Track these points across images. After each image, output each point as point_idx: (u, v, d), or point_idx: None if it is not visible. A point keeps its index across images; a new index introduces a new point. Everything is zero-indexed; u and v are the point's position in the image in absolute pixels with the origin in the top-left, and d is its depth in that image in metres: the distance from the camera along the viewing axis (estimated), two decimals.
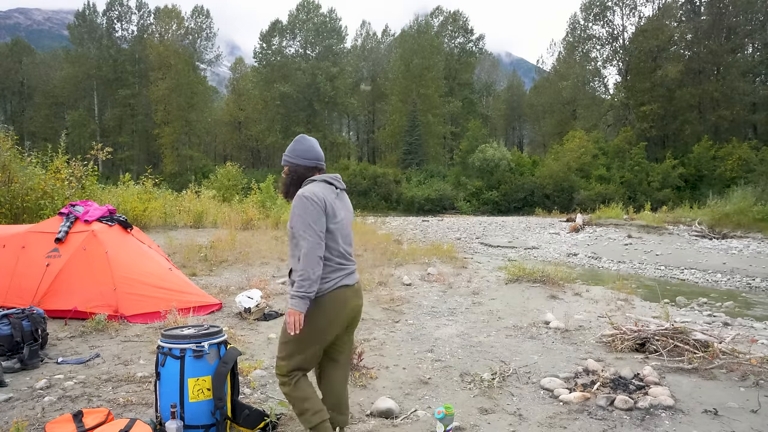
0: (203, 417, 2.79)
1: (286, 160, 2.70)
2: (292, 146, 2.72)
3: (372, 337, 5.12)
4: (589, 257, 15.13)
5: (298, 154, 2.68)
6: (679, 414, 3.36)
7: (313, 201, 2.45)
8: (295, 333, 2.43)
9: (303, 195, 2.48)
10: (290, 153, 2.69)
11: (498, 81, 72.37)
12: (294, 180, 2.67)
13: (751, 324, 6.50)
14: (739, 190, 22.20)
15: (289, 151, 2.71)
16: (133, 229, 6.13)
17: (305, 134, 2.83)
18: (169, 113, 51.47)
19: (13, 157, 9.04)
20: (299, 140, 2.73)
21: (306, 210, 2.44)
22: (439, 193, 43.12)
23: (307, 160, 2.67)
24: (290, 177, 2.69)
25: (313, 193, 2.48)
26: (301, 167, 2.67)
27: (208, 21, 57.48)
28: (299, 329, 2.42)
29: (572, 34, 53.87)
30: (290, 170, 2.69)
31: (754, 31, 43.30)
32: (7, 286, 5.25)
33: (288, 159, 2.69)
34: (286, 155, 2.70)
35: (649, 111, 43.24)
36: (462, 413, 3.36)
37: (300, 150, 2.69)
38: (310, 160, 2.67)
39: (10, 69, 56.62)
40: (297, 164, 2.67)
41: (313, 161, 2.68)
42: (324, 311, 2.51)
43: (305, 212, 2.44)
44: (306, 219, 2.43)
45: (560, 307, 6.53)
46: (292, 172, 2.68)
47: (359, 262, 9.16)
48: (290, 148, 2.72)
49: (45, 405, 3.34)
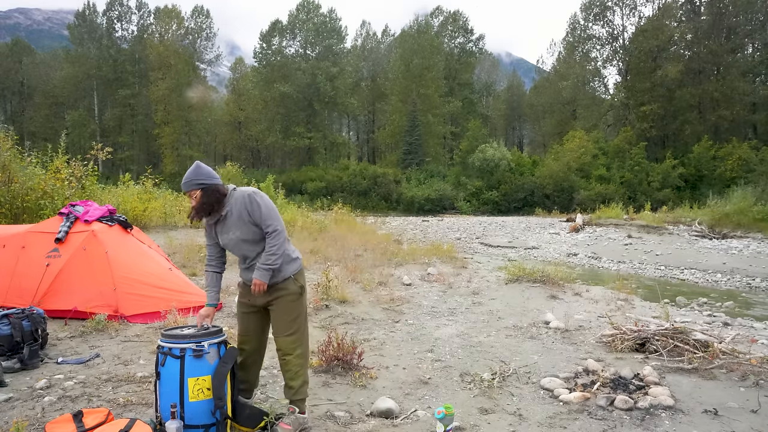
0: (203, 417, 2.79)
1: (200, 183, 2.89)
2: (200, 171, 2.91)
3: (372, 337, 5.12)
4: (589, 257, 15.13)
5: (209, 175, 2.93)
6: (679, 414, 3.36)
7: (263, 193, 2.97)
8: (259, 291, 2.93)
9: (257, 192, 2.93)
10: (202, 177, 2.90)
11: (498, 81, 72.36)
12: (216, 198, 2.92)
13: (751, 324, 6.50)
14: (739, 190, 22.20)
15: (198, 176, 2.90)
16: (133, 229, 6.13)
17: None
18: (169, 113, 51.45)
19: (13, 157, 9.03)
20: (200, 165, 2.96)
21: (269, 204, 2.93)
22: (439, 193, 43.11)
23: (217, 178, 2.96)
24: (211, 197, 2.91)
25: (257, 190, 2.96)
26: (217, 185, 2.93)
27: (208, 21, 57.49)
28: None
29: (572, 34, 53.86)
30: (208, 191, 2.90)
31: (754, 31, 43.29)
32: (7, 286, 5.24)
33: (203, 182, 2.90)
34: (199, 180, 2.89)
35: (649, 111, 43.23)
36: (462, 413, 3.36)
37: (208, 172, 2.94)
38: (215, 178, 2.95)
39: (10, 69, 56.56)
40: (213, 184, 2.92)
41: (216, 178, 2.97)
42: (304, 282, 3.11)
43: (271, 206, 2.93)
44: (274, 211, 2.92)
45: (560, 307, 6.53)
46: (212, 192, 2.91)
47: (359, 262, 9.19)
48: (200, 173, 2.91)
49: (45, 405, 3.34)
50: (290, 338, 3.00)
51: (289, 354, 3.00)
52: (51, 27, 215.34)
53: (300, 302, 3.05)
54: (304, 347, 3.09)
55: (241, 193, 2.94)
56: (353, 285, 7.37)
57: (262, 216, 2.89)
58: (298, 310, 3.03)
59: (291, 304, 3.00)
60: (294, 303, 3.01)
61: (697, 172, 39.47)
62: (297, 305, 3.03)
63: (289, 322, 3.00)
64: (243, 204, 2.90)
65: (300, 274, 3.08)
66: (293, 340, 3.01)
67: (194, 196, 2.91)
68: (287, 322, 3.00)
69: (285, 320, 3.00)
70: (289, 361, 3.01)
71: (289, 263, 3.01)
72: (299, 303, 3.04)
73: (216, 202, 2.91)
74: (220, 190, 2.93)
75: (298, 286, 3.03)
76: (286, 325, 3.00)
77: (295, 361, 3.00)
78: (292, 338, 3.00)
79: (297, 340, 3.03)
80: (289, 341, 3.00)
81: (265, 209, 2.89)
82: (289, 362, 3.00)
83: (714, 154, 39.10)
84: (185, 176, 2.93)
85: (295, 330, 3.01)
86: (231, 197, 2.94)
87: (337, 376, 3.96)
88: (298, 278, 3.04)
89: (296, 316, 3.02)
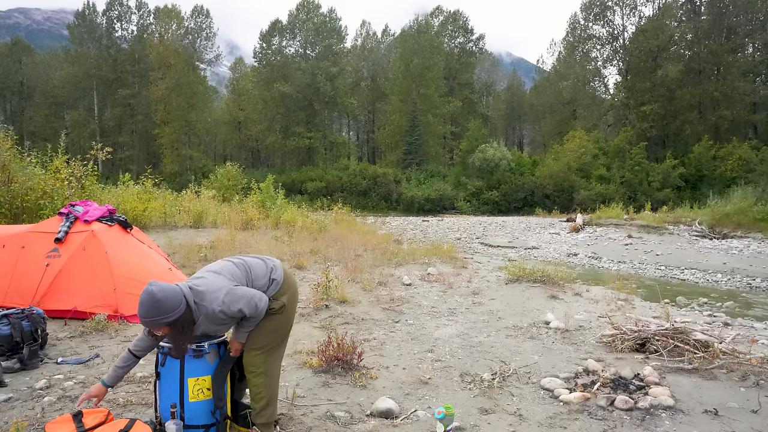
0: (203, 417, 2.79)
1: (167, 321, 2.48)
2: (160, 308, 2.45)
3: (372, 337, 5.11)
4: (589, 257, 15.13)
5: (172, 307, 2.49)
6: (679, 414, 3.35)
7: (232, 289, 2.67)
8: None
9: (224, 304, 2.60)
10: (165, 313, 2.46)
11: (498, 81, 72.35)
12: (188, 327, 2.59)
13: (751, 324, 6.49)
14: (740, 190, 22.22)
15: (161, 313, 2.46)
16: (132, 229, 6.13)
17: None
18: (169, 113, 51.40)
19: (13, 157, 9.02)
20: (156, 299, 2.46)
21: (237, 300, 2.65)
22: (439, 193, 43.11)
23: (180, 306, 2.52)
24: (183, 327, 2.57)
25: (221, 288, 2.64)
26: (183, 312, 2.53)
27: (208, 21, 57.43)
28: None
29: (572, 33, 53.84)
30: (179, 325, 2.55)
31: (755, 31, 43.27)
32: (7, 286, 5.24)
33: (169, 318, 2.48)
34: (162, 318, 2.47)
35: (649, 111, 43.22)
36: (462, 413, 3.36)
37: (169, 305, 2.48)
38: (180, 304, 2.52)
39: (10, 69, 56.54)
40: (180, 314, 2.52)
41: (180, 301, 2.53)
42: (294, 294, 3.00)
43: (238, 298, 2.65)
44: (244, 299, 2.66)
45: (560, 307, 6.53)
46: (183, 322, 2.55)
47: (359, 262, 9.18)
48: (161, 309, 2.45)
49: (45, 405, 3.34)
50: (254, 353, 2.83)
51: (250, 372, 2.84)
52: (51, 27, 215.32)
53: (276, 319, 2.86)
54: (270, 369, 2.87)
55: (206, 311, 2.60)
56: (353, 285, 7.36)
57: (247, 313, 2.68)
58: (272, 326, 2.85)
59: (265, 320, 2.82)
60: (268, 319, 2.83)
61: (697, 172, 39.47)
62: (272, 322, 2.85)
63: (257, 337, 2.83)
64: (214, 316, 2.63)
65: (280, 293, 2.88)
66: (256, 356, 2.83)
67: (166, 332, 2.60)
68: (256, 336, 2.83)
69: (254, 334, 2.83)
70: (249, 380, 2.86)
71: (264, 291, 2.82)
72: (274, 320, 2.86)
73: (189, 330, 2.61)
74: (189, 317, 2.58)
75: (276, 304, 2.85)
76: (254, 339, 2.83)
77: (256, 380, 2.84)
78: (255, 353, 2.83)
79: (260, 357, 2.84)
80: (252, 356, 2.83)
81: (237, 312, 2.64)
82: (250, 381, 2.86)
83: (714, 154, 39.10)
84: (143, 312, 2.47)
85: (261, 347, 2.84)
86: (198, 317, 2.62)
87: (337, 376, 3.95)
88: (276, 297, 2.86)
89: (268, 331, 2.84)
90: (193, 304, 2.59)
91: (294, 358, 4.38)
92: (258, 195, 16.41)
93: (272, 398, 2.88)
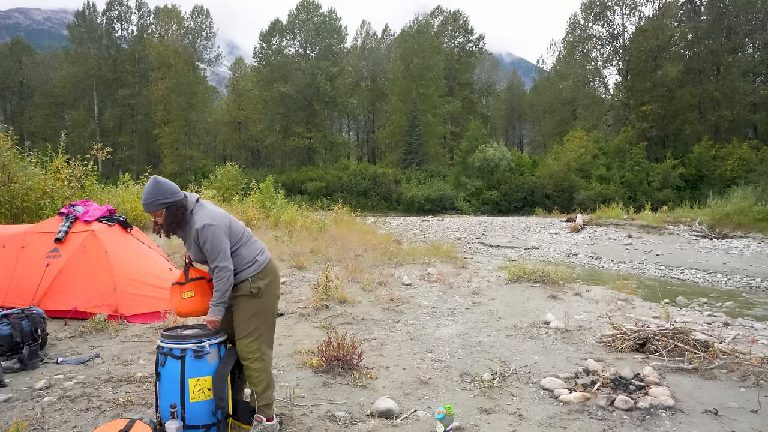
0: (204, 417, 2.79)
1: (163, 203, 2.80)
2: (158, 189, 2.80)
3: (372, 337, 5.11)
4: (589, 257, 15.12)
5: (171, 191, 2.83)
6: (679, 414, 3.35)
7: (220, 227, 2.84)
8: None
9: (205, 227, 2.80)
10: (163, 195, 2.80)
11: (498, 81, 72.35)
12: (182, 214, 2.85)
13: (751, 324, 6.49)
14: (740, 190, 22.21)
15: (159, 194, 2.79)
16: (132, 229, 6.13)
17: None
18: (169, 113, 51.39)
19: (13, 157, 9.02)
20: (158, 181, 2.84)
21: (216, 239, 2.81)
22: (439, 193, 43.10)
23: (178, 194, 2.85)
24: (176, 214, 2.84)
25: (215, 218, 2.84)
26: (180, 201, 2.84)
27: (208, 21, 57.40)
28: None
29: (572, 33, 53.81)
30: (173, 209, 2.82)
31: (755, 31, 43.26)
32: (7, 286, 5.24)
33: (165, 201, 2.80)
34: (162, 199, 2.79)
35: (649, 111, 43.21)
36: (462, 413, 3.36)
37: (169, 188, 2.83)
38: (177, 193, 2.85)
39: (10, 69, 56.50)
40: (176, 200, 2.83)
41: (178, 192, 2.86)
42: (274, 279, 3.05)
43: (218, 241, 2.81)
44: (220, 246, 2.81)
45: (560, 307, 6.53)
46: (177, 209, 2.83)
47: (359, 262, 9.18)
48: (158, 191, 2.80)
49: (45, 405, 3.34)
50: (246, 341, 2.91)
51: (247, 359, 2.91)
52: (51, 27, 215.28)
53: (254, 302, 2.94)
54: (264, 353, 2.97)
55: (194, 223, 2.86)
56: (353, 285, 7.36)
57: (207, 252, 2.83)
58: (252, 309, 2.94)
59: (244, 304, 2.93)
60: (247, 303, 2.93)
61: (697, 172, 39.47)
62: (251, 305, 2.94)
63: (243, 323, 2.92)
64: (193, 236, 2.86)
65: (259, 277, 2.97)
66: (249, 343, 2.91)
67: (159, 215, 2.85)
68: (242, 323, 2.92)
69: (240, 321, 2.93)
70: (247, 366, 2.93)
71: (246, 268, 2.94)
72: (253, 303, 2.94)
73: (182, 219, 2.86)
74: (185, 204, 2.87)
75: (253, 287, 2.93)
76: (241, 326, 2.92)
77: (253, 366, 2.91)
78: (247, 341, 2.91)
79: (253, 343, 2.92)
80: (245, 344, 2.91)
81: (210, 246, 2.81)
82: (248, 368, 2.93)
83: (714, 154, 39.10)
84: (145, 195, 2.81)
85: (250, 332, 2.92)
86: (189, 220, 2.88)
87: (337, 376, 3.95)
88: (254, 280, 2.94)
89: (250, 315, 2.93)
90: (191, 206, 2.88)
91: (294, 358, 4.38)
92: (258, 195, 16.41)
93: (270, 381, 3.00)
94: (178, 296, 2.94)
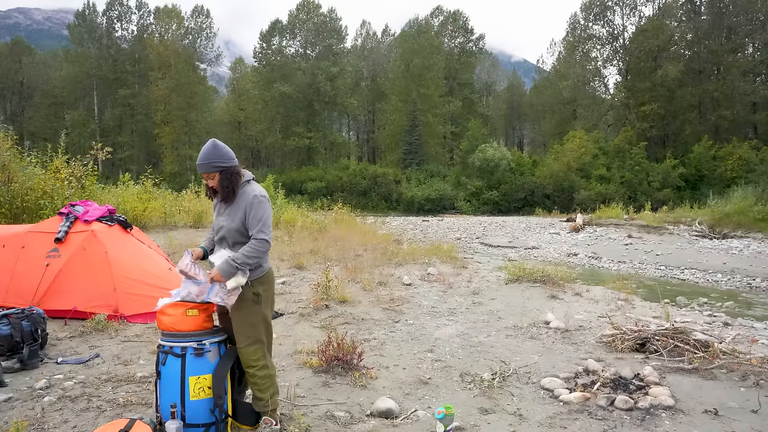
0: (204, 415, 2.80)
1: (219, 166, 2.82)
2: (219, 152, 2.83)
3: (372, 337, 5.11)
4: (589, 257, 15.12)
5: (228, 156, 2.85)
6: (679, 414, 3.35)
7: (269, 204, 2.93)
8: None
9: (263, 196, 2.87)
10: (221, 158, 2.83)
11: (498, 81, 72.35)
12: (236, 182, 2.87)
13: (751, 324, 6.49)
14: (740, 190, 22.21)
15: (217, 157, 2.83)
16: (132, 229, 6.13)
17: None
18: (169, 113, 51.40)
19: (13, 157, 9.03)
20: (217, 145, 2.87)
21: (268, 214, 2.88)
22: (439, 193, 43.11)
23: (234, 160, 2.89)
24: (231, 179, 2.85)
25: (266, 195, 2.91)
26: (235, 167, 2.87)
27: (208, 21, 57.40)
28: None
29: (572, 33, 53.81)
30: (227, 174, 2.84)
31: (755, 31, 43.26)
32: (7, 286, 5.24)
33: (222, 165, 2.83)
34: (218, 162, 2.82)
35: (649, 111, 43.21)
36: (462, 413, 3.36)
37: (226, 153, 2.86)
38: (233, 159, 2.89)
39: (10, 69, 56.50)
40: (230, 166, 2.85)
41: (234, 159, 2.89)
42: (271, 287, 3.04)
43: (269, 216, 2.88)
44: (268, 221, 2.86)
45: (560, 307, 6.53)
46: (232, 174, 2.85)
47: (359, 262, 9.18)
48: (219, 154, 2.83)
49: (45, 405, 3.34)
50: (251, 348, 2.86)
51: (252, 366, 2.87)
52: (51, 27, 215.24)
53: (257, 310, 2.89)
54: (269, 361, 2.97)
55: (251, 191, 2.87)
56: (353, 285, 7.36)
57: (254, 220, 2.82)
58: (256, 317, 2.88)
59: (246, 310, 2.85)
60: (249, 309, 2.86)
61: (697, 172, 39.46)
62: (255, 313, 2.88)
63: (246, 329, 2.86)
64: (247, 201, 2.84)
65: (260, 282, 2.92)
66: (254, 351, 2.87)
67: (211, 178, 2.86)
68: (245, 329, 2.86)
69: (242, 327, 2.86)
70: (253, 374, 2.88)
71: (253, 270, 2.88)
72: (257, 311, 2.89)
73: (235, 187, 2.86)
74: (239, 171, 2.89)
75: (253, 292, 2.86)
76: (245, 333, 2.86)
77: (260, 373, 2.88)
78: (252, 348, 2.86)
79: (258, 350, 2.88)
80: (250, 352, 2.86)
81: (260, 215, 2.82)
82: (254, 375, 2.88)
83: (714, 154, 39.09)
84: (202, 155, 2.82)
85: (254, 339, 2.87)
86: (243, 188, 2.89)
87: (337, 376, 3.95)
88: (255, 285, 2.88)
89: (254, 323, 2.87)
90: (245, 175, 2.93)
91: (294, 358, 4.38)
92: None
93: (275, 387, 3.01)
94: (181, 312, 2.85)
